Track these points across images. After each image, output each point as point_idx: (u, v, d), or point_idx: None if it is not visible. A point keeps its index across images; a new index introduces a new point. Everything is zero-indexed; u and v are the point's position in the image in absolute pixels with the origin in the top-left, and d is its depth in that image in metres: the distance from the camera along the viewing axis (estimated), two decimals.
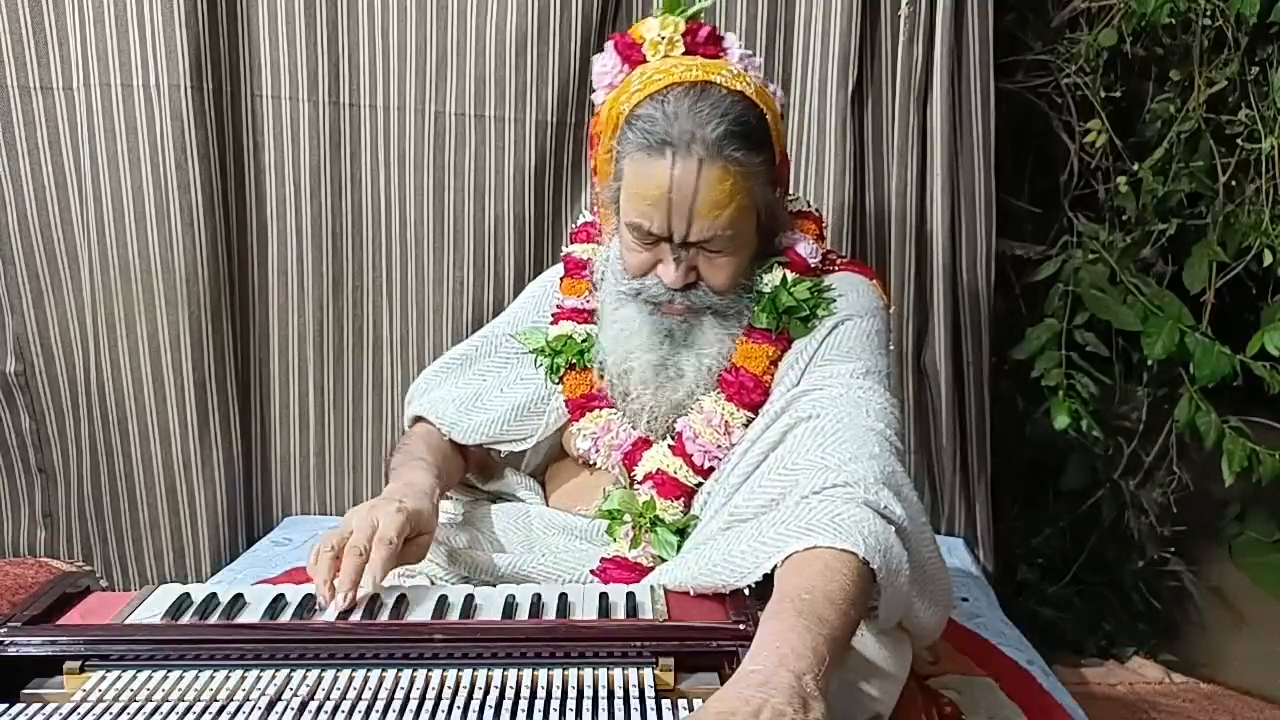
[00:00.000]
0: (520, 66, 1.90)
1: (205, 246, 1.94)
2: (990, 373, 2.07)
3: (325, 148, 1.98)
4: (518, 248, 1.98)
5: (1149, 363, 2.05)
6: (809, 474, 1.04)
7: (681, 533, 1.21)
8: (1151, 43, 2.07)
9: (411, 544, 1.10)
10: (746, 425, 1.21)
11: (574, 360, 1.33)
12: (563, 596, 1.04)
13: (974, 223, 2.00)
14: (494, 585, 1.14)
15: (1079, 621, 2.27)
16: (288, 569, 1.74)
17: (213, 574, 1.98)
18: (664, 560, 1.18)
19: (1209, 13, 1.93)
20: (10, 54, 1.91)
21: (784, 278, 1.26)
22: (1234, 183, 2.01)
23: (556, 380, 1.35)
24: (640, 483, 1.26)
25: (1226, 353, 1.93)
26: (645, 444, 1.28)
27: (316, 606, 1.02)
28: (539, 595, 1.05)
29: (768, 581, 0.96)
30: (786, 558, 0.94)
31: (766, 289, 1.25)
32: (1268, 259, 1.93)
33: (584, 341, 1.33)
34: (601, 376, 1.30)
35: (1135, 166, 2.08)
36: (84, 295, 2.01)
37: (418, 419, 1.42)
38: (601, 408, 1.30)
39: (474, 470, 1.46)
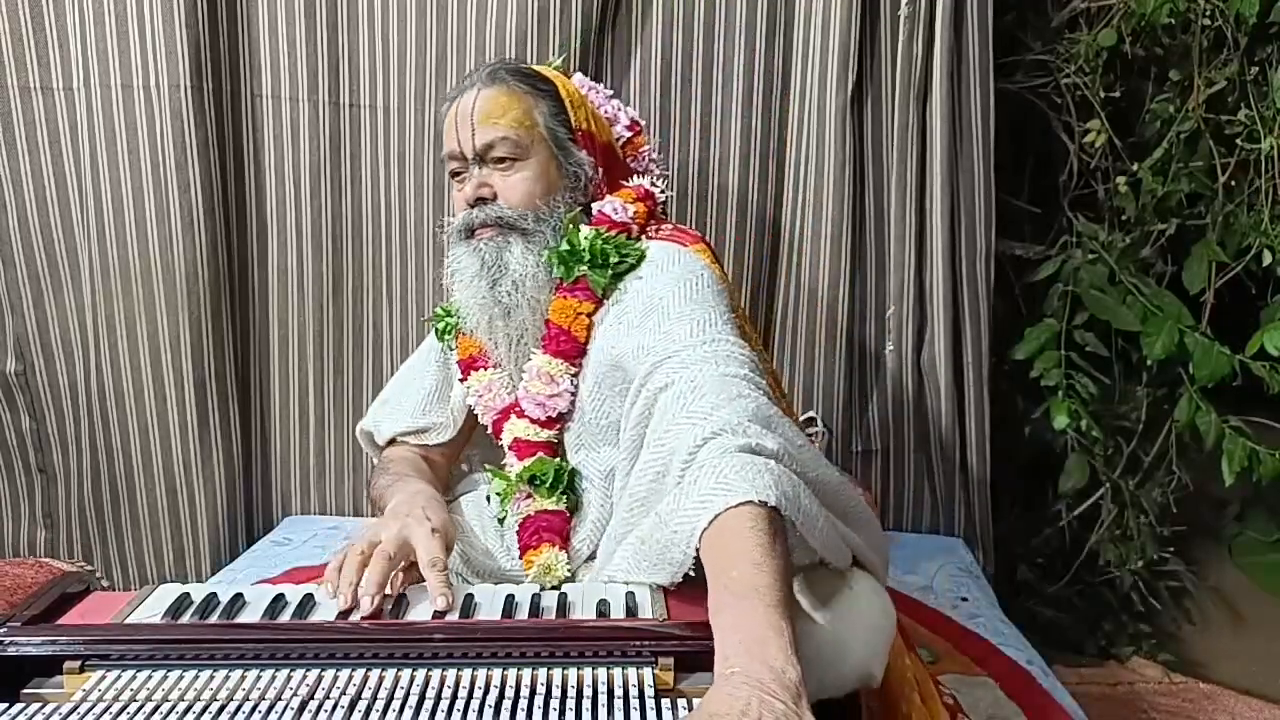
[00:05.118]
0: None
1: (205, 246, 1.94)
2: (990, 373, 2.07)
3: (325, 148, 1.98)
4: None
5: (1149, 363, 2.05)
6: (682, 436, 1.04)
7: (556, 482, 1.28)
8: (1151, 43, 2.07)
9: None
10: (572, 376, 1.30)
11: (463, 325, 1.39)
12: (562, 596, 1.05)
13: (974, 223, 2.00)
14: (495, 584, 1.14)
15: (1079, 621, 2.27)
16: (288, 569, 1.74)
17: (213, 574, 1.98)
18: (554, 506, 1.27)
19: (1209, 13, 1.94)
20: (10, 54, 1.91)
21: (573, 229, 1.32)
22: (1234, 183, 2.01)
23: (450, 344, 1.43)
24: (509, 449, 1.33)
25: (1226, 353, 1.93)
26: (509, 412, 1.35)
27: (338, 607, 1.03)
28: (539, 595, 1.05)
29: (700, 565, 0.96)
30: (700, 538, 0.94)
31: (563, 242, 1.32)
32: (1267, 259, 1.93)
33: None
34: (476, 334, 1.36)
35: (1135, 166, 2.08)
36: (84, 295, 2.01)
37: (368, 436, 1.50)
38: (486, 368, 1.38)
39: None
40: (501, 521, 1.34)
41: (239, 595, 1.05)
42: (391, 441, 1.47)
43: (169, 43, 1.86)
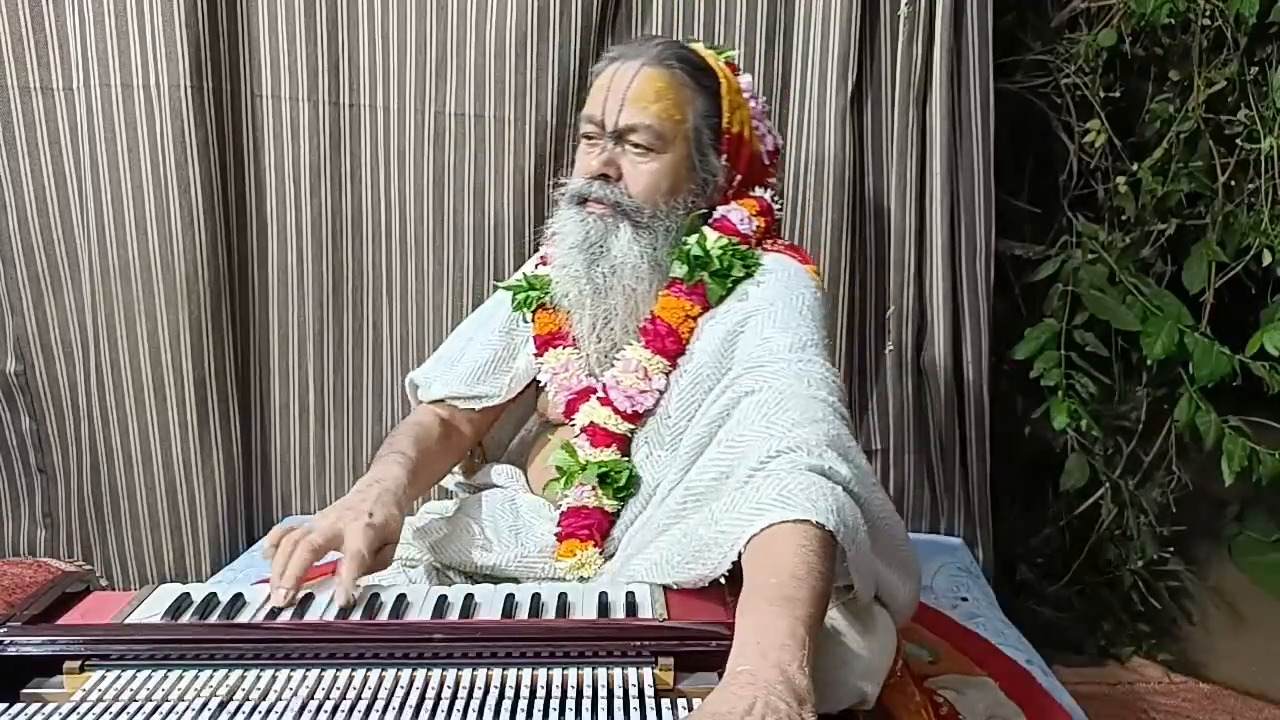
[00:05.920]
0: (520, 66, 1.90)
1: (205, 246, 1.94)
2: (990, 373, 2.07)
3: (325, 148, 1.98)
4: (518, 248, 1.98)
5: (1148, 363, 2.05)
6: (756, 444, 1.05)
7: (624, 488, 1.26)
8: (1151, 43, 2.07)
9: (375, 555, 1.11)
10: (667, 374, 1.28)
11: (545, 300, 1.37)
12: (562, 596, 1.05)
13: (973, 223, 2.00)
14: (494, 584, 1.14)
15: (1078, 621, 2.27)
16: None
17: (213, 574, 1.98)
18: (609, 508, 1.25)
19: (1208, 13, 1.94)
20: (10, 54, 1.91)
21: (702, 233, 1.31)
22: (1233, 183, 2.01)
23: (529, 315, 1.39)
24: (581, 432, 1.31)
25: (1226, 353, 1.93)
26: (587, 394, 1.33)
27: (272, 602, 1.03)
28: (539, 595, 1.05)
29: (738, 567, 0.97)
30: (748, 543, 0.95)
31: (688, 244, 1.30)
32: (1267, 259, 1.93)
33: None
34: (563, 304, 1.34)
35: (1134, 167, 2.08)
36: (84, 295, 2.01)
37: (415, 388, 1.46)
38: (564, 346, 1.36)
39: (461, 467, 1.48)
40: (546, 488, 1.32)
41: (239, 595, 1.05)
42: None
43: (169, 43, 1.86)
